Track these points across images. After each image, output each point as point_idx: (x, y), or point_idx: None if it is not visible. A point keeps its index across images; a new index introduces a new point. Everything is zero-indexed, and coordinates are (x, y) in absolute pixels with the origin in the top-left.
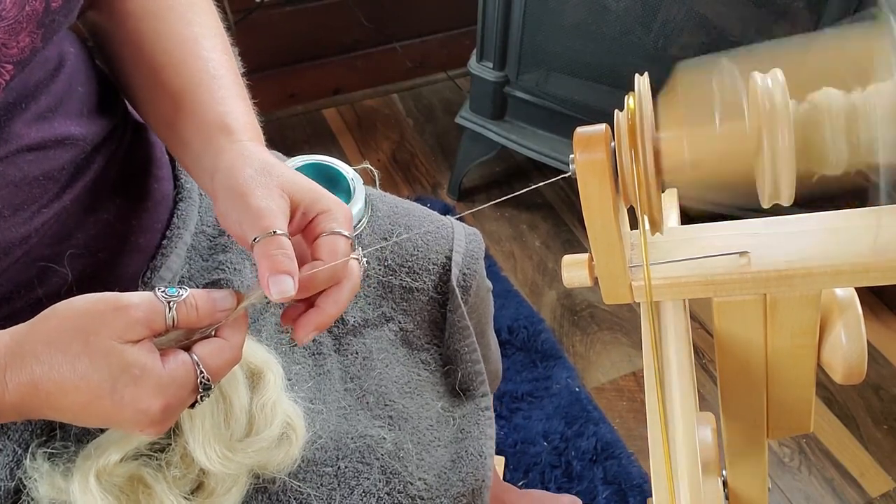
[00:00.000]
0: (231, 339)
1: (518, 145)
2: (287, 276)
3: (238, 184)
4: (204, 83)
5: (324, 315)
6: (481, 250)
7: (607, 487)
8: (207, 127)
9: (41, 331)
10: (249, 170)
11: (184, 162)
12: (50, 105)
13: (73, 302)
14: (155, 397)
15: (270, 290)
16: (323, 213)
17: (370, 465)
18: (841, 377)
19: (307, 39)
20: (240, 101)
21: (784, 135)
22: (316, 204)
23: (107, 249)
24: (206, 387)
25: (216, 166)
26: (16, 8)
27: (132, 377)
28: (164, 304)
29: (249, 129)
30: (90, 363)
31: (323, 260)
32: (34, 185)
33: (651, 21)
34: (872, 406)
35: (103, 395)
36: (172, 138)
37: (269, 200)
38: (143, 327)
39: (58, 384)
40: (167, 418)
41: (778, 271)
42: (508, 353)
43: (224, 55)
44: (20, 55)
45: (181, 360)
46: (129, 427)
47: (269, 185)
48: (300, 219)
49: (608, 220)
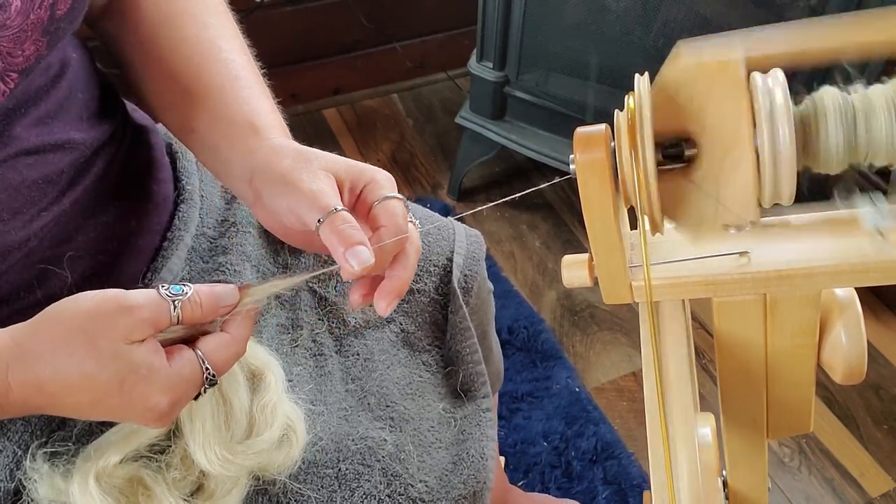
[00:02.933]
0: (236, 332)
1: (518, 145)
2: (362, 246)
3: (281, 176)
4: (227, 85)
5: (399, 281)
6: (482, 252)
7: (607, 487)
8: (234, 129)
9: (45, 331)
10: (287, 160)
11: (213, 168)
12: (50, 111)
13: (78, 301)
14: (163, 394)
15: (350, 263)
16: (369, 184)
17: (371, 466)
18: (841, 377)
19: (307, 39)
20: (264, 100)
21: (784, 134)
22: (360, 177)
23: (106, 252)
24: (211, 381)
25: (252, 168)
26: (21, 17)
27: (140, 377)
28: (168, 303)
29: (276, 125)
30: (97, 365)
31: (385, 225)
32: (33, 189)
33: (651, 21)
34: (872, 406)
35: (112, 393)
36: (197, 144)
37: (319, 182)
38: (148, 327)
39: (64, 385)
40: (173, 412)
41: (778, 271)
42: (508, 354)
43: (243, 55)
44: (25, 63)
45: (187, 357)
46: (136, 421)
47: (311, 169)
48: (349, 195)
49: (608, 220)
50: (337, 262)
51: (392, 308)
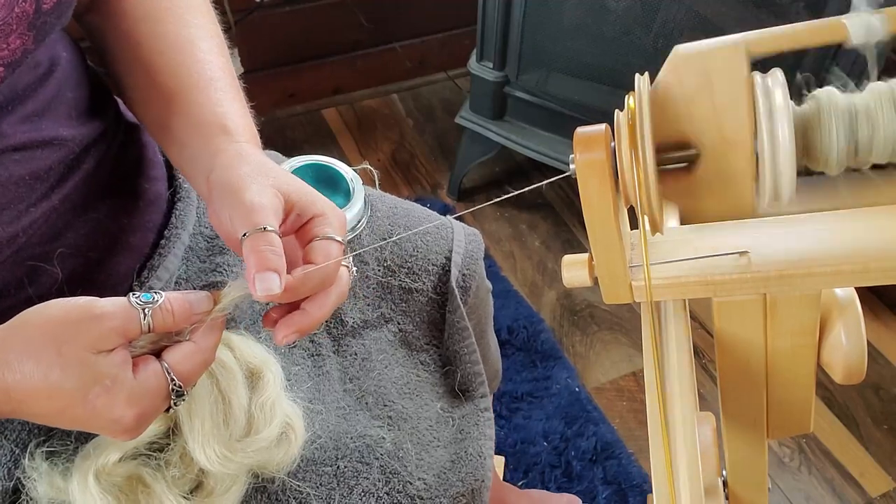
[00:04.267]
0: (202, 342)
1: (518, 145)
2: (274, 273)
3: (232, 181)
4: (201, 85)
5: (308, 318)
6: (481, 251)
7: (607, 487)
8: (205, 128)
9: (14, 338)
10: (246, 167)
11: (179, 163)
12: (37, 109)
13: (48, 308)
14: (127, 407)
15: (256, 287)
16: (318, 217)
17: (369, 464)
18: (841, 377)
19: (307, 39)
20: (237, 104)
21: (784, 134)
22: (311, 207)
23: (98, 249)
24: (178, 393)
25: (213, 165)
26: (5, 10)
27: (104, 388)
28: (138, 311)
29: (247, 131)
30: (62, 373)
31: (314, 264)
32: (21, 185)
33: (651, 21)
34: (872, 406)
35: (76, 403)
36: (168, 139)
37: (262, 197)
38: (117, 336)
39: (30, 393)
40: (141, 425)
41: (778, 271)
42: (508, 353)
43: (221, 58)
44: (11, 57)
45: (151, 369)
46: (103, 432)
47: (263, 182)
48: (294, 220)
49: (608, 220)
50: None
51: (289, 341)
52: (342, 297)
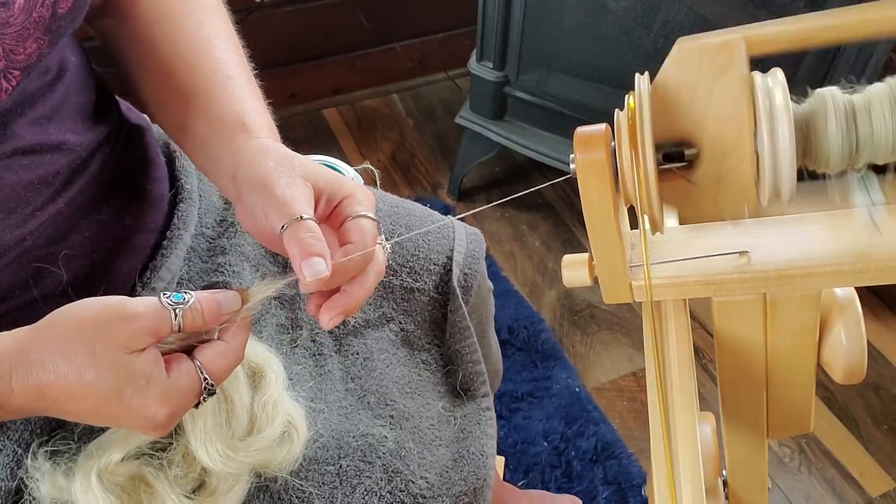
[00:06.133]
0: (233, 341)
1: (518, 145)
2: (319, 257)
3: (261, 176)
4: (219, 84)
5: (351, 298)
6: (482, 250)
7: (607, 487)
8: (225, 127)
9: (47, 338)
10: (271, 162)
11: (201, 164)
12: (46, 113)
13: (80, 308)
14: (161, 405)
15: (304, 273)
16: (347, 198)
17: (372, 463)
18: (841, 377)
19: (307, 39)
20: (255, 101)
21: (784, 134)
22: (339, 190)
23: (101, 250)
24: (209, 391)
25: (237, 164)
26: (23, 14)
27: (138, 387)
28: (169, 311)
29: (266, 127)
30: (96, 373)
31: (353, 242)
32: (29, 189)
33: (651, 21)
34: (872, 406)
35: (110, 402)
36: (187, 140)
37: (293, 188)
38: (148, 336)
39: (65, 391)
40: (172, 422)
41: (778, 271)
42: (508, 353)
43: (237, 56)
44: (27, 61)
45: (185, 368)
46: (135, 429)
47: (291, 174)
48: (324, 206)
49: (608, 220)
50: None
51: (335, 323)
52: (380, 275)
